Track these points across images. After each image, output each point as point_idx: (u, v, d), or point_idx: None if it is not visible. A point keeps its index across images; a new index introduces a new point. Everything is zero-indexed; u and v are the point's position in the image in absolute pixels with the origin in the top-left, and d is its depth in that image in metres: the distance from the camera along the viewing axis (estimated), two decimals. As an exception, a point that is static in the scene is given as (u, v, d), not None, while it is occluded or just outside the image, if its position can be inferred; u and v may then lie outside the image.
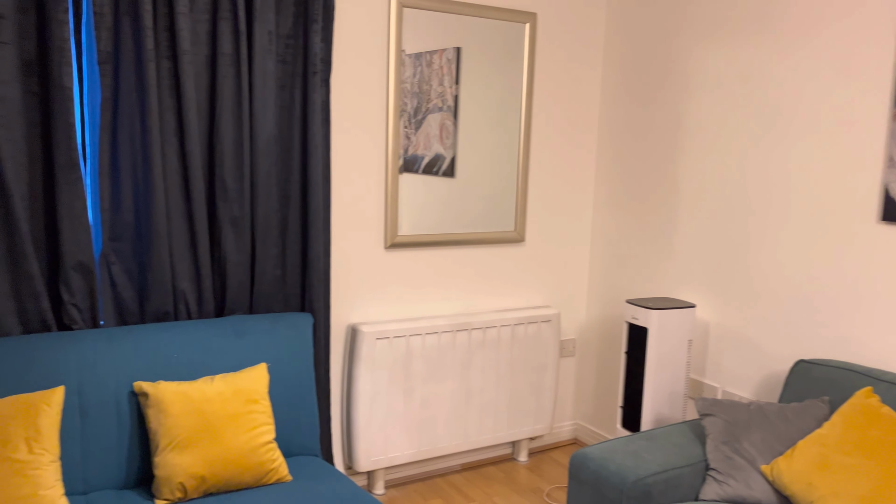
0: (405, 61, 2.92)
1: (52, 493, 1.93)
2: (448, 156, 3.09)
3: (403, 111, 2.94)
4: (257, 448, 2.18)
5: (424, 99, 3.01)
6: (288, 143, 2.62)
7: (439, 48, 3.01)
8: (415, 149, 3.01)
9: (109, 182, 2.35)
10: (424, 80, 3.00)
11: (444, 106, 3.06)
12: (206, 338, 2.35)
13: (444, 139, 3.08)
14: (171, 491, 2.07)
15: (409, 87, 2.96)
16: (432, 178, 3.06)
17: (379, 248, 2.97)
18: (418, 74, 2.98)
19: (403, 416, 2.98)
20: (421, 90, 2.99)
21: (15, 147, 2.19)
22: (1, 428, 1.92)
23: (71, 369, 2.15)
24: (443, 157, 3.08)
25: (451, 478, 3.20)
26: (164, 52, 2.35)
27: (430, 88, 3.01)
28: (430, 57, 2.99)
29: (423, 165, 3.04)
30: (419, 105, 3.00)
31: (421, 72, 2.99)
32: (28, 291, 2.24)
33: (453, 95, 3.07)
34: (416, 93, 2.98)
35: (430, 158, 3.06)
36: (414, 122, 3.00)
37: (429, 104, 3.02)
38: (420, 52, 2.96)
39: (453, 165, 3.12)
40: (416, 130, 3.00)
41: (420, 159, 3.03)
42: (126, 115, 2.33)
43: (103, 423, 2.15)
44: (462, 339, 3.09)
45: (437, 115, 3.05)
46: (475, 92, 3.11)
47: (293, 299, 2.69)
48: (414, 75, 2.97)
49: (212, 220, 2.52)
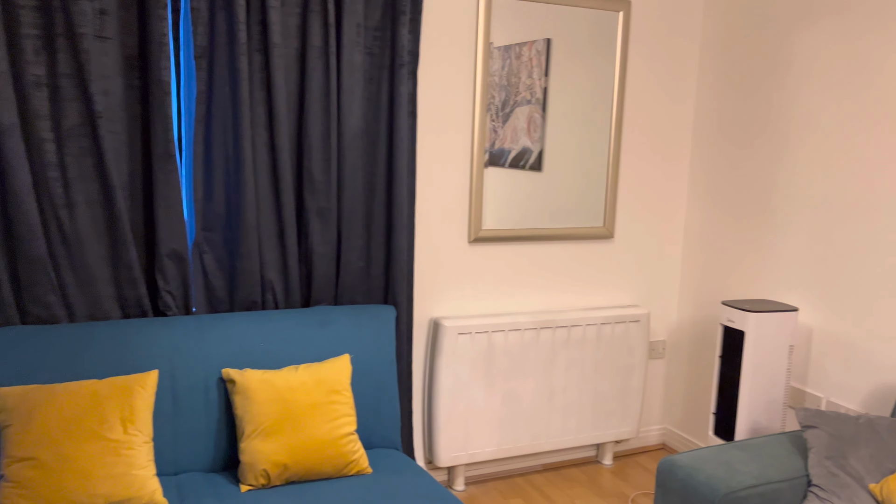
0: (494, 54, 2.87)
1: (145, 472, 2.00)
2: (535, 149, 3.03)
3: (490, 104, 2.90)
4: (338, 439, 2.19)
5: (512, 92, 2.95)
6: (374, 135, 2.62)
7: (529, 40, 2.95)
8: (501, 142, 2.96)
9: (203, 173, 2.42)
10: (513, 73, 2.94)
11: (532, 99, 2.99)
12: (291, 327, 2.39)
13: (531, 132, 3.02)
14: (255, 477, 2.11)
15: (497, 80, 2.91)
16: (518, 171, 3.00)
17: (462, 241, 2.94)
18: (507, 67, 2.93)
19: (484, 412, 2.94)
20: (509, 83, 2.94)
21: (117, 139, 2.28)
22: (98, 408, 2.00)
23: (164, 354, 2.22)
24: (530, 151, 3.02)
25: (532, 478, 3.14)
26: (256, 45, 2.40)
27: (519, 81, 2.95)
28: (520, 49, 2.93)
29: (510, 159, 2.98)
30: (507, 98, 2.94)
31: (510, 64, 2.93)
32: (127, 278, 2.34)
33: (542, 88, 3.00)
34: (504, 85, 2.93)
35: (517, 152, 3.00)
36: (501, 115, 2.95)
37: (517, 97, 2.97)
38: (509, 44, 2.90)
39: (541, 159, 3.05)
40: (503, 124, 2.95)
41: (507, 153, 2.97)
42: (219, 108, 2.38)
43: (193, 408, 2.22)
44: (546, 337, 3.02)
45: (525, 108, 2.99)
46: (565, 84, 3.03)
47: (377, 291, 2.69)
48: (503, 67, 2.92)
49: (299, 211, 2.56)
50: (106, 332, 2.20)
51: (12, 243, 2.20)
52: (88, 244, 2.27)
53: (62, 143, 2.21)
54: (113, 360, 2.16)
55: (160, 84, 2.26)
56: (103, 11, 2.20)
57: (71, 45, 2.17)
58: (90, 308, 2.31)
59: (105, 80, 2.23)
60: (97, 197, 2.28)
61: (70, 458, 1.91)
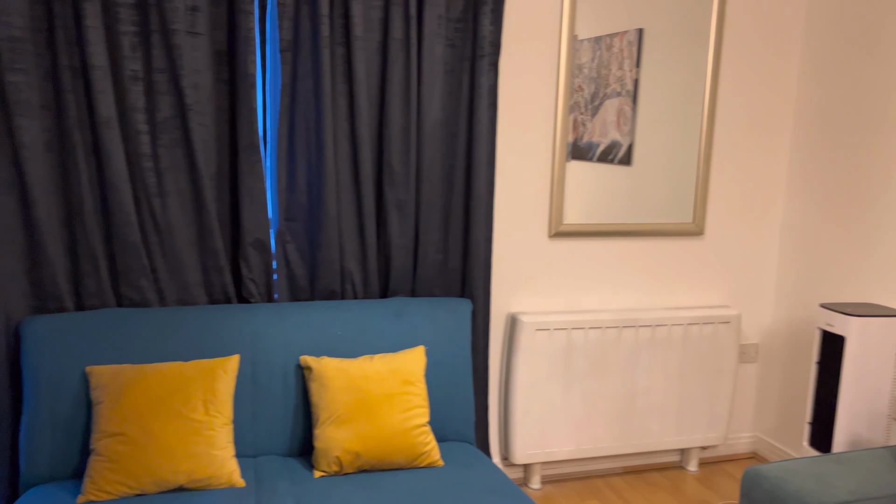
0: (583, 45, 2.80)
1: (224, 453, 2.07)
2: (625, 143, 2.93)
3: (579, 97, 2.83)
4: (411, 430, 2.20)
5: (602, 84, 2.87)
6: (454, 127, 2.61)
7: (620, 30, 2.86)
8: (590, 136, 2.88)
9: (286, 164, 2.47)
10: (603, 65, 2.86)
11: (622, 91, 2.90)
12: (368, 317, 2.41)
13: (621, 126, 2.93)
14: (329, 464, 2.15)
15: (586, 72, 2.83)
16: (603, 165, 2.92)
17: (542, 236, 2.88)
18: (597, 59, 2.85)
19: (562, 411, 2.88)
20: (599, 75, 2.86)
21: (206, 131, 2.36)
22: (183, 389, 2.08)
23: (246, 339, 2.29)
24: (619, 145, 2.93)
25: (612, 480, 3.05)
26: (339, 38, 2.43)
27: (609, 73, 2.87)
28: (611, 40, 2.84)
29: (599, 153, 2.90)
30: (596, 90, 2.87)
31: (600, 56, 2.85)
32: (213, 265, 2.42)
33: (633, 79, 2.90)
34: (594, 78, 2.85)
35: (606, 146, 2.92)
36: (590, 108, 2.87)
37: (607, 89, 2.88)
38: (599, 35, 2.82)
39: (630, 153, 2.95)
40: (592, 117, 2.88)
41: (595, 147, 2.89)
42: (302, 101, 2.43)
43: (272, 393, 2.28)
44: (628, 336, 2.92)
45: (615, 101, 2.90)
46: (657, 75, 2.92)
47: (454, 284, 2.68)
48: (592, 59, 2.84)
49: (378, 203, 2.58)
50: (193, 316, 2.29)
51: (109, 230, 2.32)
52: (178, 232, 2.37)
53: (155, 135, 2.32)
54: (198, 344, 2.25)
55: (246, 77, 2.33)
56: (195, 8, 2.28)
57: (164, 40, 2.26)
58: (179, 293, 2.41)
59: (195, 75, 2.31)
60: (186, 186, 2.37)
61: (155, 435, 2.00)
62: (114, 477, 1.97)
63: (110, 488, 1.96)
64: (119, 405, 2.03)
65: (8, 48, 2.13)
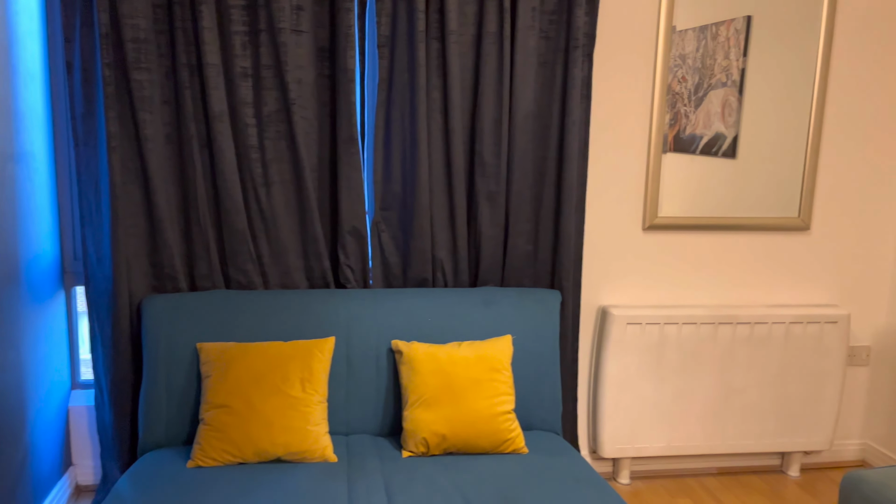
0: (687, 35, 2.74)
1: (319, 429, 2.19)
2: (729, 135, 2.85)
3: (682, 87, 2.77)
4: (496, 416, 2.24)
5: (707, 74, 2.80)
6: (546, 119, 2.62)
7: (727, 18, 2.77)
8: (693, 128, 2.82)
9: (383, 156, 2.56)
10: (708, 54, 2.79)
11: (728, 81, 2.82)
12: (457, 305, 2.47)
13: (725, 117, 2.84)
14: (416, 444, 2.22)
15: (690, 63, 2.77)
16: (702, 157, 2.84)
17: (636, 228, 2.85)
18: (701, 48, 2.78)
19: (653, 406, 2.84)
20: (704, 65, 2.79)
21: (308, 124, 2.49)
22: (282, 367, 2.22)
23: (342, 323, 2.40)
24: (723, 137, 2.84)
25: (705, 480, 2.98)
26: (434, 33, 2.49)
27: (714, 63, 2.79)
28: (716, 29, 2.77)
29: (702, 145, 2.83)
30: (700, 81, 2.80)
31: (705, 45, 2.78)
32: (313, 251, 2.55)
33: (739, 69, 2.81)
34: (699, 68, 2.78)
35: (710, 138, 2.84)
36: (694, 99, 2.81)
37: (711, 80, 2.81)
38: (705, 24, 2.75)
39: (735, 145, 2.86)
40: (695, 108, 2.81)
41: (698, 139, 2.83)
42: (398, 94, 2.52)
43: (364, 374, 2.38)
44: (724, 333, 2.84)
45: (720, 91, 2.82)
46: (764, 65, 2.81)
47: (543, 275, 2.70)
48: (697, 49, 2.78)
49: (469, 194, 2.63)
50: (293, 299, 2.42)
51: (220, 217, 2.49)
52: (281, 219, 2.51)
53: (262, 128, 2.47)
54: (297, 325, 2.38)
55: (346, 72, 2.43)
56: (299, 7, 2.41)
57: (271, 39, 2.40)
58: (282, 277, 2.56)
59: (299, 71, 2.44)
60: (290, 177, 2.51)
61: (257, 408, 2.14)
62: (219, 445, 2.12)
63: (216, 455, 2.12)
64: (225, 379, 2.19)
65: (133, 49, 2.33)
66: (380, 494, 1.96)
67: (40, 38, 2.44)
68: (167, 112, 2.43)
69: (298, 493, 1.95)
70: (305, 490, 1.97)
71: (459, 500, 1.94)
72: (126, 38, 2.31)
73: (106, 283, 2.44)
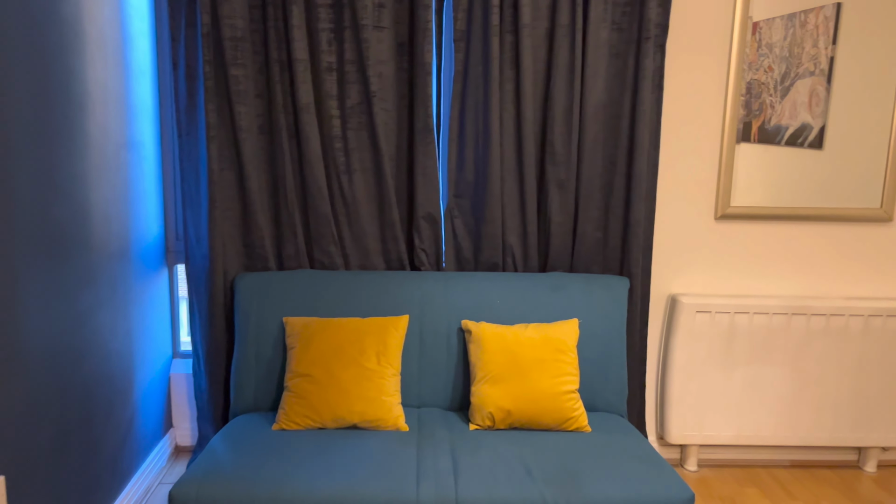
0: (774, 23, 2.73)
1: (392, 400, 2.34)
2: (816, 125, 2.81)
3: (768, 77, 2.75)
4: (560, 394, 2.33)
5: (794, 63, 2.78)
6: (617, 109, 2.68)
7: (816, 6, 2.75)
8: (778, 118, 2.80)
9: (457, 145, 2.69)
10: (796, 43, 2.77)
11: (815, 70, 2.79)
12: (525, 289, 2.57)
13: (812, 107, 2.81)
14: (482, 418, 2.34)
15: (777, 52, 2.76)
16: (785, 148, 2.82)
17: (708, 218, 2.86)
18: (788, 37, 2.76)
19: (721, 395, 2.85)
20: (791, 54, 2.77)
21: (387, 115, 2.65)
22: (359, 341, 2.38)
23: (415, 302, 2.55)
24: (809, 127, 2.81)
25: (776, 471, 2.96)
26: (508, 26, 2.59)
27: (802, 51, 2.77)
28: (805, 16, 2.74)
29: (787, 136, 2.81)
30: (787, 70, 2.78)
31: (792, 33, 2.76)
32: (391, 235, 2.71)
33: (828, 57, 2.77)
34: (785, 57, 2.77)
35: (796, 128, 2.82)
36: (780, 89, 2.80)
37: (798, 69, 2.79)
38: (793, 11, 2.73)
39: (822, 136, 2.83)
40: (781, 98, 2.79)
41: (783, 130, 2.81)
42: (472, 86, 2.63)
43: (436, 351, 2.52)
44: (798, 324, 2.82)
45: (808, 81, 2.80)
46: (853, 53, 2.77)
47: (612, 262, 2.76)
48: (784, 38, 2.76)
49: (540, 182, 2.72)
50: (371, 279, 2.59)
51: (306, 202, 2.69)
52: (361, 205, 2.68)
53: (345, 119, 2.64)
54: (374, 303, 2.54)
55: (423, 66, 2.57)
56: (381, 5, 2.56)
57: (355, 35, 2.56)
58: (361, 259, 2.73)
59: (380, 65, 2.60)
60: (370, 165, 2.67)
61: (336, 378, 2.32)
62: (301, 411, 2.31)
63: (298, 420, 2.31)
64: (308, 351, 2.38)
65: (231, 46, 2.54)
66: (446, 460, 2.10)
67: (150, 38, 2.70)
68: (260, 104, 2.63)
69: (371, 455, 2.11)
70: (378, 453, 2.12)
71: (521, 469, 2.05)
72: (224, 37, 2.53)
73: (203, 261, 2.68)
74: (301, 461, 2.07)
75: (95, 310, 2.22)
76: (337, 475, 1.99)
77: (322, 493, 1.92)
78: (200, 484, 1.95)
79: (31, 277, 1.85)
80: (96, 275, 2.23)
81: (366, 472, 2.02)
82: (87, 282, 2.16)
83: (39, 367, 1.90)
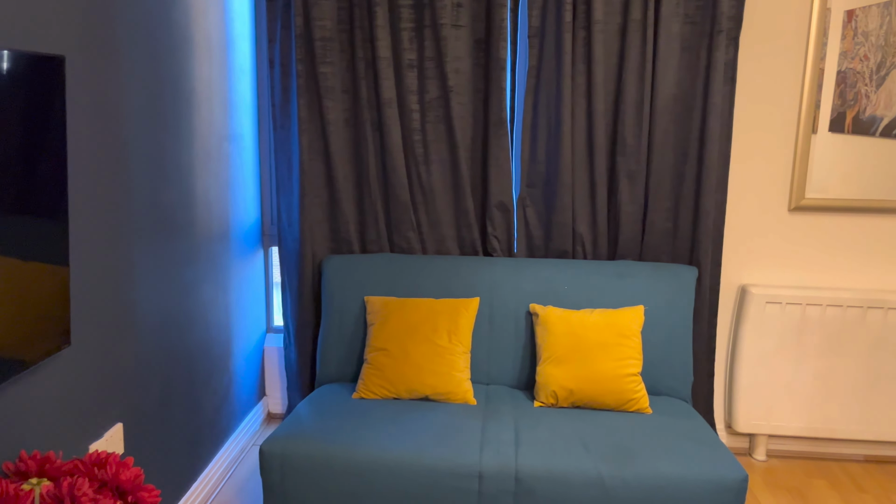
0: (871, 11, 2.70)
1: (462, 376, 2.51)
2: (913, 116, 2.77)
3: (863, 67, 2.73)
4: (622, 377, 2.43)
5: (890, 52, 2.74)
6: (689, 101, 2.72)
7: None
8: (873, 108, 2.77)
9: (530, 138, 2.81)
10: (892, 31, 2.73)
11: (915, 58, 2.75)
12: (592, 276, 2.67)
13: (909, 97, 2.77)
14: (547, 396, 2.47)
15: (873, 40, 2.74)
16: (872, 139, 2.78)
17: (781, 209, 2.86)
18: (885, 25, 2.73)
19: (791, 386, 2.86)
20: (888, 42, 2.74)
21: (463, 108, 2.80)
22: (432, 320, 2.56)
23: (486, 286, 2.70)
24: (905, 118, 2.77)
25: (848, 466, 2.94)
26: (581, 23, 2.69)
27: (900, 39, 2.74)
28: (903, 3, 2.71)
29: (882, 127, 2.78)
30: (883, 59, 2.75)
31: (889, 21, 2.73)
32: (464, 222, 2.87)
33: (927, 45, 2.72)
34: (882, 46, 2.73)
35: (891, 119, 2.79)
36: (875, 78, 2.77)
37: (895, 58, 2.75)
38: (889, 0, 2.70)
39: (918, 127, 2.78)
40: (876, 88, 2.77)
41: (878, 120, 2.78)
42: (545, 81, 2.75)
43: (504, 332, 2.66)
44: (874, 318, 2.79)
45: (905, 70, 2.76)
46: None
47: (681, 252, 2.81)
48: (881, 26, 2.74)
49: (610, 173, 2.80)
50: (445, 263, 2.76)
51: (387, 190, 2.88)
52: (438, 194, 2.85)
53: (424, 113, 2.81)
54: (447, 286, 2.71)
55: (498, 61, 2.70)
56: (459, 4, 2.71)
57: (434, 33, 2.73)
58: (437, 244, 2.90)
59: (457, 61, 2.75)
60: (446, 156, 2.84)
61: (410, 353, 2.50)
62: (378, 382, 2.51)
63: (375, 390, 2.51)
64: (385, 327, 2.57)
65: (321, 46, 2.76)
66: (509, 432, 2.24)
67: (249, 40, 2.95)
68: (346, 99, 2.84)
69: (440, 424, 2.28)
70: (446, 422, 2.30)
71: (578, 444, 2.17)
72: (315, 37, 2.75)
73: (294, 244, 2.92)
74: (375, 426, 2.26)
75: (198, 284, 2.50)
76: (407, 440, 2.18)
77: (392, 455, 2.11)
78: (286, 442, 2.18)
79: (144, 254, 2.12)
80: (199, 254, 2.50)
81: (433, 439, 2.19)
82: (191, 259, 2.43)
83: (150, 332, 2.17)
